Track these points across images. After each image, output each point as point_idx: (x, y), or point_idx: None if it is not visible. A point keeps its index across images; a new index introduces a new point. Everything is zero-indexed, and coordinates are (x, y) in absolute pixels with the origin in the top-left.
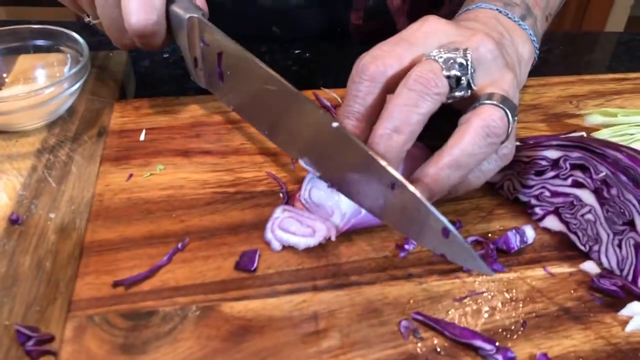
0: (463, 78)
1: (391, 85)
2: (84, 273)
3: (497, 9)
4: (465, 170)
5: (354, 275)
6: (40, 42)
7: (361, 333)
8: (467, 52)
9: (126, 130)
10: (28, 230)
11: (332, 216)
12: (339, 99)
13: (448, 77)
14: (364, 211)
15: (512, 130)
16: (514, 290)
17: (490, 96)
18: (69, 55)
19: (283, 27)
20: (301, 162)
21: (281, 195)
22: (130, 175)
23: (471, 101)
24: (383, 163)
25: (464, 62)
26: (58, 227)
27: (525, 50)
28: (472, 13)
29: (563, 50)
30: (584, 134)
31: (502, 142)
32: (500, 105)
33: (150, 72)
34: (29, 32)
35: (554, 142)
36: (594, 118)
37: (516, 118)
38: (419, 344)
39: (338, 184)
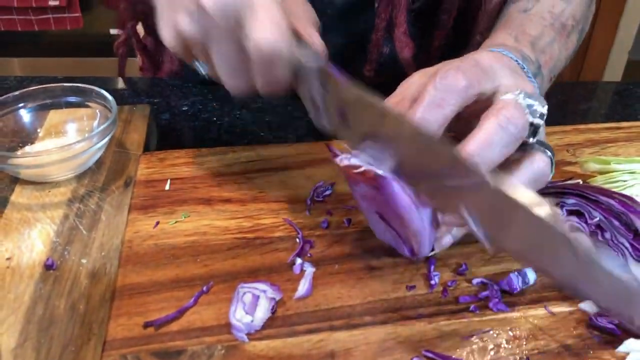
0: (541, 129)
1: (464, 102)
2: (117, 315)
3: (517, 61)
4: (488, 164)
5: (368, 315)
6: (71, 99)
7: None
8: (544, 102)
9: (152, 181)
10: (62, 275)
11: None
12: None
13: (532, 124)
14: None
15: (541, 125)
16: (517, 329)
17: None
18: (97, 111)
19: None
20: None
21: (297, 240)
22: (157, 223)
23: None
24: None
25: (544, 112)
26: (90, 272)
27: None
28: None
29: (560, 100)
30: (580, 181)
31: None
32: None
33: (171, 124)
34: (61, 90)
35: (552, 190)
36: (590, 165)
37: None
38: None
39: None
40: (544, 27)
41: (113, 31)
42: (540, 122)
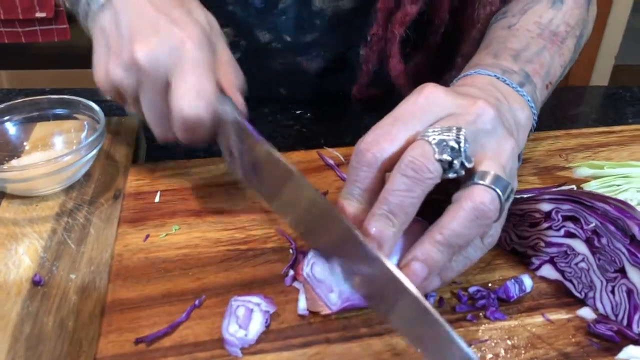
0: (455, 161)
1: (388, 166)
2: (107, 331)
3: (495, 75)
4: (455, 249)
5: (364, 327)
6: (58, 111)
7: None
8: (461, 133)
9: (142, 193)
10: (50, 291)
11: (330, 292)
12: (342, 158)
13: (440, 160)
14: None
15: (504, 211)
16: (515, 338)
17: (483, 175)
18: (85, 123)
19: (290, 89)
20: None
21: (291, 251)
22: (147, 236)
23: (467, 177)
24: (370, 246)
25: (456, 146)
26: (79, 288)
27: (523, 116)
28: (469, 79)
29: (551, 105)
30: (574, 186)
31: (496, 221)
32: (492, 187)
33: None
34: (47, 102)
35: (546, 196)
36: (583, 170)
37: (511, 196)
38: None
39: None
40: (530, 39)
41: None
42: (450, 157)
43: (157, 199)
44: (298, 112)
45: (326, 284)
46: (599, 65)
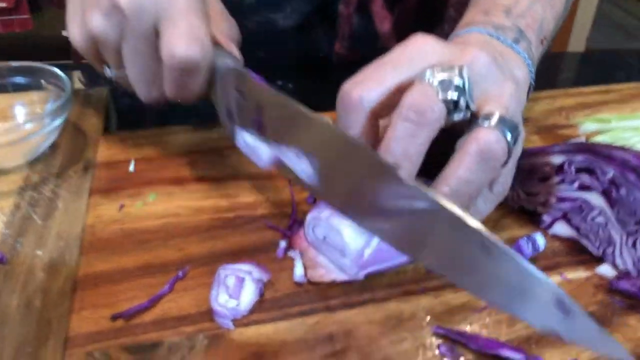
0: (461, 100)
1: (379, 112)
2: (80, 308)
3: (489, 33)
4: (465, 199)
5: (367, 293)
6: (18, 79)
7: (382, 352)
8: (463, 70)
9: (114, 162)
10: (14, 269)
11: (343, 257)
12: None
13: (445, 100)
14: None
15: (514, 152)
16: None
17: (487, 116)
18: (50, 93)
19: (269, 52)
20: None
21: (290, 219)
22: (122, 206)
23: (469, 122)
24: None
25: (461, 84)
26: (46, 264)
27: (521, 73)
28: (461, 38)
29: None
30: (583, 139)
31: (505, 164)
32: (497, 127)
33: (132, 108)
34: (7, 70)
35: (557, 149)
36: (588, 126)
37: (520, 137)
38: (445, 359)
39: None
40: None
41: (65, 33)
42: (455, 96)
43: (131, 168)
44: (279, 83)
45: (338, 248)
46: (571, 47)
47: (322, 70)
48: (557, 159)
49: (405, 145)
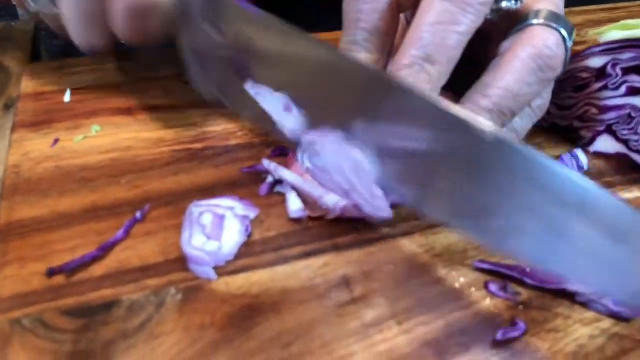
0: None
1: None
2: (3, 264)
3: None
4: (506, 117)
5: (384, 227)
6: None
7: (414, 296)
8: None
9: (45, 93)
10: None
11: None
12: None
13: None
14: None
15: (567, 60)
16: None
17: (538, 14)
18: None
19: None
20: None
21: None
22: (56, 141)
23: (514, 21)
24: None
25: None
26: None
27: None
28: None
29: None
30: None
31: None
32: (555, 26)
33: (66, 45)
34: None
35: (597, 49)
36: (613, 34)
37: (571, 43)
38: (493, 301)
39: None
40: None
41: None
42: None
43: (67, 99)
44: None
45: (364, 181)
46: None
47: None
48: (597, 62)
49: (442, 33)
